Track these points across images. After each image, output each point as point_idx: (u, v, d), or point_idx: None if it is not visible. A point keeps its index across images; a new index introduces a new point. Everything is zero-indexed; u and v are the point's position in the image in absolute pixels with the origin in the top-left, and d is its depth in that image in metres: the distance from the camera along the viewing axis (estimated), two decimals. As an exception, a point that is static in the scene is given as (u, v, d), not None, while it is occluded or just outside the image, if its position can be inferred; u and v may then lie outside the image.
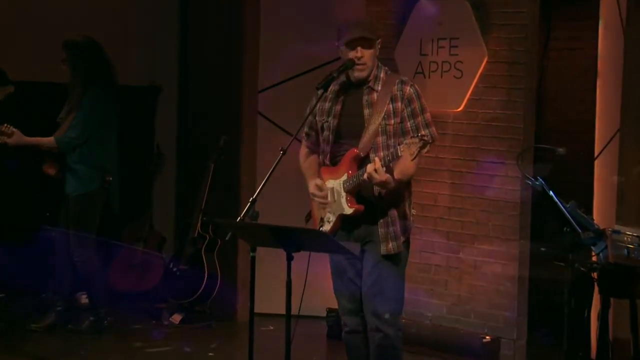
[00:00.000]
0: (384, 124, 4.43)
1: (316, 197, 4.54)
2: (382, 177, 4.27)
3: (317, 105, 4.58)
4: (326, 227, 4.52)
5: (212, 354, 6.04)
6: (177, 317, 6.59)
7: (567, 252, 4.52)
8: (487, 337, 5.83)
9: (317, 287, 4.64)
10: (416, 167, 4.43)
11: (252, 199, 4.18)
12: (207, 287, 6.63)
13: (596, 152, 5.80)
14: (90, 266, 6.14)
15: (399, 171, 4.36)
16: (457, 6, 5.99)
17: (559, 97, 6.55)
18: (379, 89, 4.49)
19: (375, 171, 4.26)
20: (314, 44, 6.36)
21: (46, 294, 6.41)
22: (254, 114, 6.82)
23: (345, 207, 4.46)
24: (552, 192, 4.51)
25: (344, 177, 4.46)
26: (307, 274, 4.41)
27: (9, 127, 5.95)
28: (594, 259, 4.61)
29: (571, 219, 4.47)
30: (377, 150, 4.42)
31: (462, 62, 6.00)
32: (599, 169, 5.83)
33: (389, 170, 4.33)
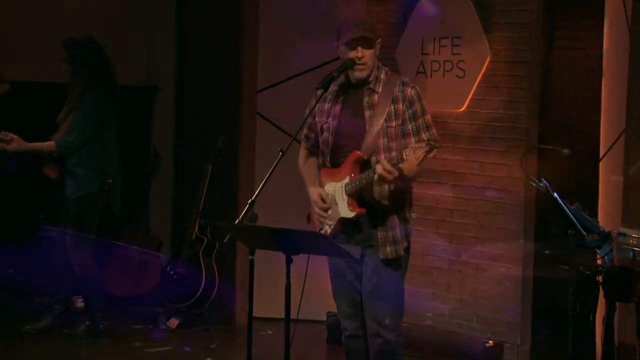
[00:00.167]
0: (385, 126, 4.42)
1: (317, 208, 4.52)
2: (394, 174, 4.23)
3: (317, 106, 4.57)
4: (326, 230, 4.52)
5: (209, 359, 6.04)
6: (174, 322, 6.58)
7: (572, 254, 4.52)
8: (490, 342, 5.82)
9: (316, 291, 4.64)
10: (421, 171, 4.41)
11: (250, 200, 4.18)
12: (205, 290, 6.62)
13: (601, 153, 5.80)
14: (87, 269, 6.14)
15: (405, 170, 4.32)
16: (459, 4, 5.99)
17: (563, 97, 6.53)
18: (380, 90, 4.48)
19: (386, 172, 4.23)
20: (314, 43, 6.35)
21: (43, 296, 6.41)
22: (252, 115, 6.81)
23: (346, 211, 4.45)
24: (556, 194, 4.50)
25: (346, 180, 4.45)
26: (305, 277, 4.41)
27: (7, 134, 5.96)
28: (599, 262, 4.59)
29: (576, 221, 4.46)
30: (379, 152, 4.41)
31: (464, 62, 6.00)
32: (604, 170, 5.82)
33: (396, 169, 4.30)
